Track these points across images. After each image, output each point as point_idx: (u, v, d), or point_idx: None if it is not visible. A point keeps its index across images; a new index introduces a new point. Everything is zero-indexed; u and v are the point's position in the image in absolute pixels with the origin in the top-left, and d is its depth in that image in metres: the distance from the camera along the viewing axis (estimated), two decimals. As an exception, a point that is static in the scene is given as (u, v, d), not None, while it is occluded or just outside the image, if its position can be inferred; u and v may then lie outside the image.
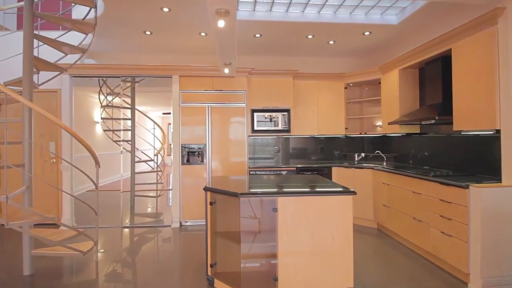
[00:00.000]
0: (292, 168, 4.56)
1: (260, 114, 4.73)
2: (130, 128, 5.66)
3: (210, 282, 2.59)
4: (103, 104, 5.43)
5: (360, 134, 4.95)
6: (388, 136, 4.86)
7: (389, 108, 4.35)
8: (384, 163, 4.58)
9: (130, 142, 5.63)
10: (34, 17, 3.06)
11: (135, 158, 5.72)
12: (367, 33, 4.13)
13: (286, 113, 4.74)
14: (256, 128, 4.71)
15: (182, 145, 4.48)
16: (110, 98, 5.44)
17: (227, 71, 4.03)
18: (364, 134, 4.91)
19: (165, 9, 3.38)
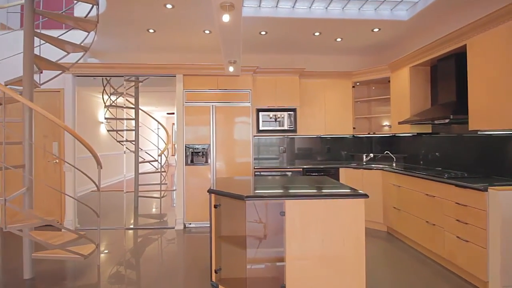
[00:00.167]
0: (299, 169, 4.45)
1: (266, 113, 4.62)
2: (134, 128, 5.59)
3: (214, 288, 2.49)
4: (106, 104, 5.37)
5: (368, 134, 4.81)
6: (397, 136, 4.71)
7: (399, 107, 4.20)
8: (394, 164, 4.44)
9: (134, 143, 5.57)
10: (35, 14, 3.00)
11: (139, 159, 5.65)
12: (376, 29, 4.00)
13: (292, 112, 4.62)
14: (261, 128, 4.61)
15: (186, 145, 4.39)
16: (113, 98, 5.37)
17: (231, 69, 3.93)
18: (372, 134, 4.77)
19: (168, 5, 3.29)
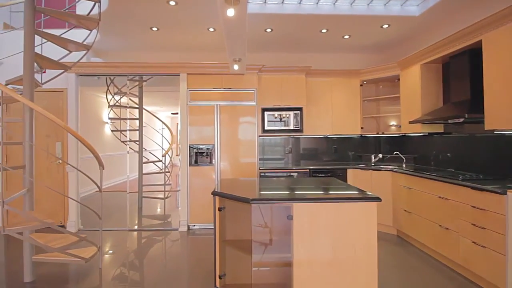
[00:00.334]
0: (305, 170, 4.33)
1: (271, 113, 4.51)
2: (138, 128, 5.53)
3: (218, 294, 2.40)
4: (110, 104, 5.31)
5: (377, 134, 4.67)
6: (407, 136, 4.57)
7: (409, 106, 4.06)
8: (404, 165, 4.30)
9: (138, 143, 5.51)
10: (36, 12, 2.94)
11: (143, 159, 5.60)
12: (386, 26, 3.87)
13: (298, 112, 4.50)
14: (266, 128, 4.50)
15: (190, 145, 4.31)
16: (118, 98, 5.32)
17: (236, 67, 3.83)
18: (381, 134, 4.63)
19: (171, 2, 3.21)
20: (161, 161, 5.66)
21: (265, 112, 4.51)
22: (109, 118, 5.51)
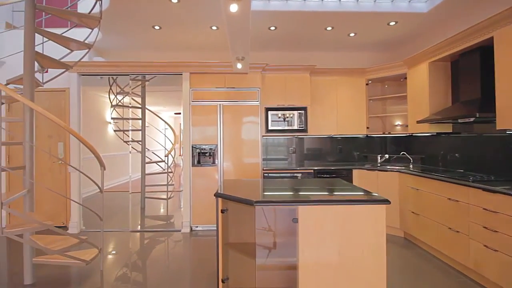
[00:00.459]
0: (309, 171, 4.25)
1: (274, 113, 4.44)
2: (141, 128, 5.49)
3: (221, 298, 2.33)
4: (113, 104, 5.28)
5: (383, 134, 4.58)
6: (414, 136, 4.47)
7: (416, 106, 3.97)
8: (411, 166, 4.20)
9: (140, 143, 5.47)
10: (37, 10, 2.90)
11: (146, 159, 5.55)
12: (393, 23, 3.78)
13: (303, 111, 4.43)
14: (270, 127, 4.43)
15: (192, 145, 4.25)
16: (120, 97, 5.28)
17: (239, 66, 3.76)
18: (387, 134, 4.54)
19: (173, 0, 3.15)
20: (164, 161, 5.62)
21: (268, 112, 4.44)
22: (111, 118, 5.47)
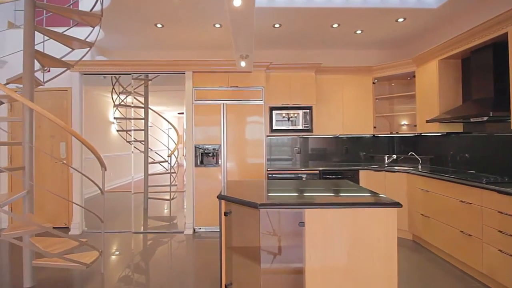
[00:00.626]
0: (315, 171, 4.15)
1: (279, 112, 4.35)
2: (143, 128, 5.43)
3: (225, 304, 2.25)
4: (115, 103, 5.23)
5: (391, 133, 4.46)
6: (422, 135, 4.35)
7: (425, 105, 3.85)
8: (419, 166, 4.08)
9: (143, 143, 5.41)
10: (37, 8, 2.85)
11: (149, 159, 5.50)
12: (401, 19, 3.67)
13: (308, 110, 4.33)
14: (275, 127, 4.34)
15: (195, 145, 4.18)
16: (123, 97, 5.23)
17: (243, 64, 3.68)
18: (395, 133, 4.42)
19: (176, -4, 3.08)
20: (167, 161, 5.56)
21: (273, 111, 4.35)
22: (114, 118, 5.43)
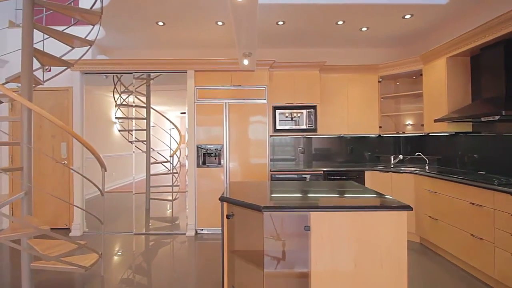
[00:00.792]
0: (319, 172, 4.07)
1: (283, 111, 4.27)
2: (145, 128, 5.38)
3: (227, 309, 2.18)
4: (117, 103, 5.18)
5: (397, 133, 4.36)
6: (430, 135, 4.24)
7: (433, 104, 3.75)
8: (427, 167, 3.98)
9: (145, 143, 5.36)
10: (36, 6, 2.80)
11: (151, 159, 5.44)
12: (408, 16, 3.57)
13: (312, 110, 4.24)
14: (278, 127, 4.26)
15: (198, 145, 4.11)
16: (124, 96, 5.18)
17: (246, 62, 3.61)
18: (402, 133, 4.32)
19: (177, -7, 3.02)
20: (169, 161, 5.50)
21: (276, 111, 4.27)
22: (116, 118, 5.38)
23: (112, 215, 5.08)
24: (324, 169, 4.08)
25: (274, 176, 4.07)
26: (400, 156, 4.41)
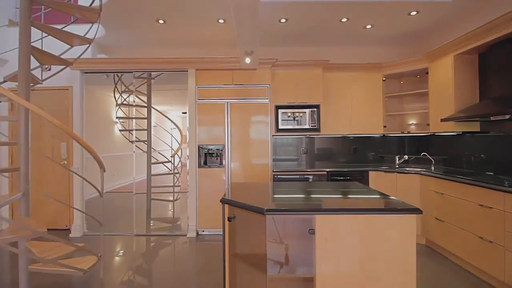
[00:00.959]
0: (322, 172, 4.00)
1: (286, 111, 4.19)
2: (146, 127, 5.32)
3: (228, 314, 2.11)
4: (118, 103, 5.13)
5: (402, 133, 4.28)
6: (435, 135, 4.15)
7: (439, 103, 3.67)
8: (432, 167, 3.90)
9: (146, 143, 5.30)
10: (34, 4, 2.74)
11: (152, 159, 5.38)
12: (414, 12, 3.48)
13: (315, 109, 4.17)
14: (280, 126, 4.19)
15: (199, 145, 4.05)
16: (125, 96, 5.12)
17: (248, 61, 3.54)
18: (407, 133, 4.23)
19: (177, -10, 2.96)
20: (170, 161, 5.44)
21: (279, 110, 4.20)
22: (117, 117, 5.33)
23: (113, 216, 5.03)
24: (328, 169, 4.00)
25: (276, 176, 4.00)
26: (405, 157, 4.32)
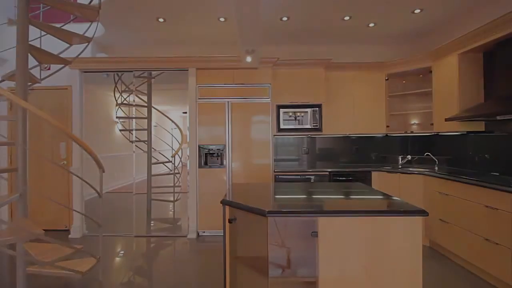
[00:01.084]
0: (324, 173, 3.95)
1: (287, 110, 4.15)
2: (147, 127, 5.28)
3: (229, 318, 2.07)
4: (118, 102, 5.09)
5: (405, 133, 4.22)
6: (439, 135, 4.10)
7: (443, 102, 3.61)
8: (436, 168, 3.84)
9: (147, 143, 5.26)
10: (31, 1, 2.70)
11: (152, 159, 5.35)
12: (418, 10, 3.43)
13: (317, 109, 4.12)
14: (282, 126, 4.14)
15: (199, 145, 4.01)
16: (125, 95, 5.09)
17: (249, 59, 3.49)
18: (410, 133, 4.18)
19: (177, -12, 2.91)
20: (170, 161, 5.40)
21: (280, 110, 4.15)
22: (117, 117, 5.29)
23: (113, 216, 5.00)
24: (330, 170, 3.96)
25: (277, 177, 3.95)
26: (408, 157, 4.27)
